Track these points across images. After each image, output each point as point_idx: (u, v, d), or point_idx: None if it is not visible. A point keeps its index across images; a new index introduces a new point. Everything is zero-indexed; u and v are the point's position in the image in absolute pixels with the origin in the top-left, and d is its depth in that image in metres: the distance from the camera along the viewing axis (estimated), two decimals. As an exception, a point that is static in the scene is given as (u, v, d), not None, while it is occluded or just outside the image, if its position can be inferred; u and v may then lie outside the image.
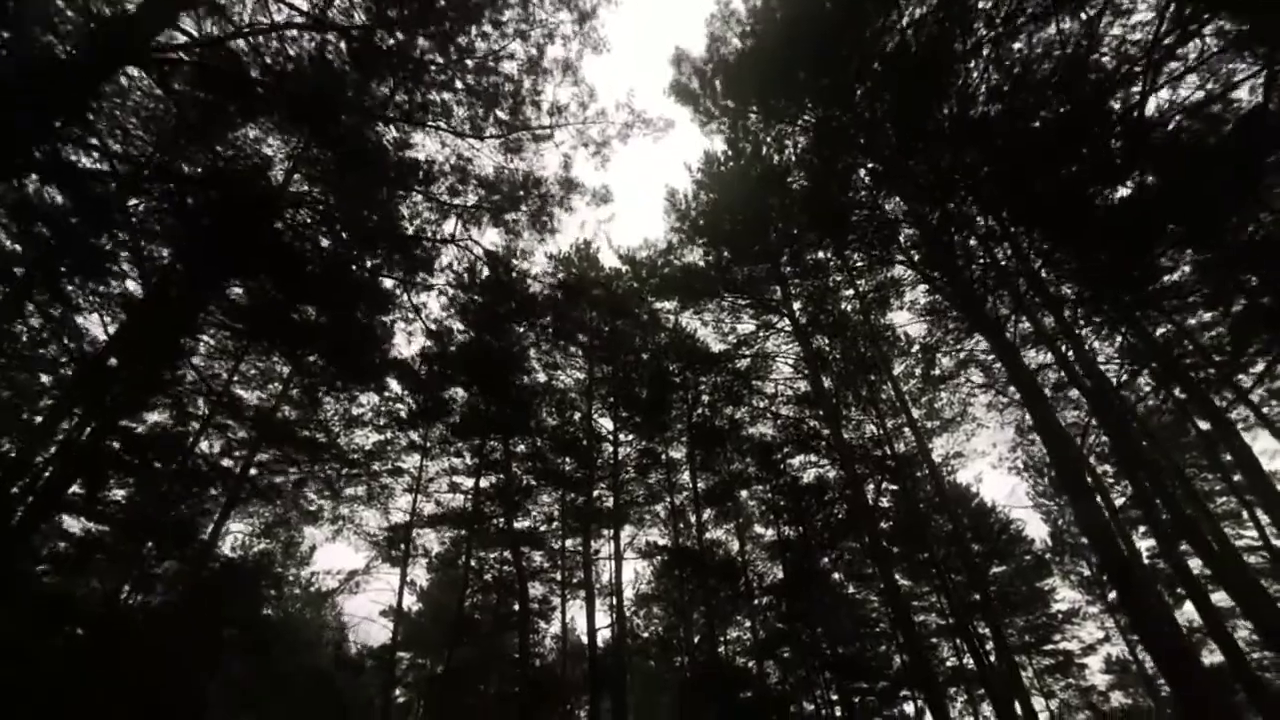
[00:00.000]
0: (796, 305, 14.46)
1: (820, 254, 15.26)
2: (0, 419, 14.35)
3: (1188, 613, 19.00)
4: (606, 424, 17.45)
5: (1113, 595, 22.64)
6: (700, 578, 15.28)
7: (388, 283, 12.57)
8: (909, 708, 24.50)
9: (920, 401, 16.72)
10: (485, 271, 15.63)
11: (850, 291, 15.93)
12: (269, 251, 12.60)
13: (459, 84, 10.14)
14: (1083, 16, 9.37)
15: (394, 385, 14.49)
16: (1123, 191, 10.66)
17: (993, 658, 17.68)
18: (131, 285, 12.58)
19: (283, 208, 12.35)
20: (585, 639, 15.75)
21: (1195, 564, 14.02)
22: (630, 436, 17.92)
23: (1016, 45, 10.02)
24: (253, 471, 13.90)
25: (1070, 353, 11.86)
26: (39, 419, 14.43)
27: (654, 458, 18.50)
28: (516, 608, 17.44)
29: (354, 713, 22.29)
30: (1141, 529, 14.95)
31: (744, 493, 19.90)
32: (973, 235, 12.30)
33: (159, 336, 12.67)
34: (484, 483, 16.39)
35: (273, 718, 19.45)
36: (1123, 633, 21.14)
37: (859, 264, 15.51)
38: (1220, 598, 13.29)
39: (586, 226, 33.49)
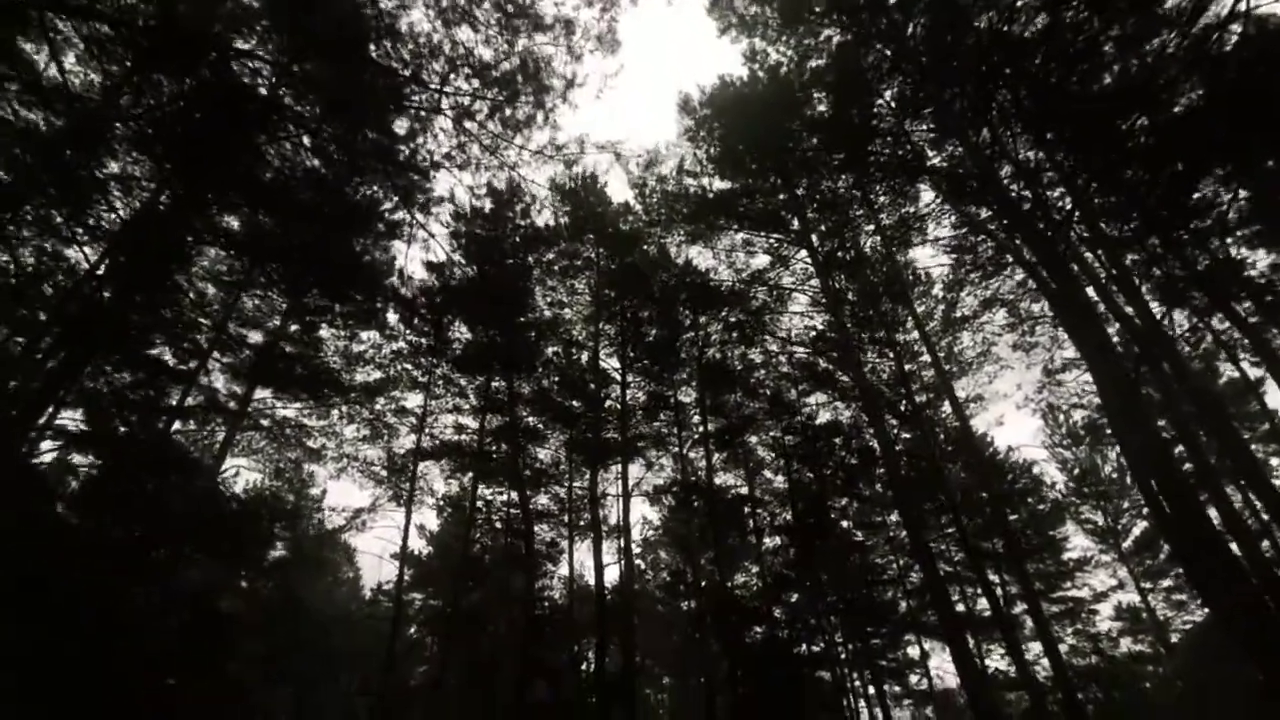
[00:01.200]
0: (814, 237, 13.69)
1: (840, 186, 14.40)
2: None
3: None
4: (615, 364, 17.00)
5: (1127, 544, 22.40)
6: (710, 515, 15.06)
7: (387, 210, 11.93)
8: (914, 650, 24.75)
9: (941, 344, 16.06)
10: (488, 205, 14.97)
11: (871, 227, 15.11)
12: (257, 179, 12.01)
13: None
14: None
15: (394, 320, 14.04)
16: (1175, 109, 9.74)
17: (1006, 605, 17.58)
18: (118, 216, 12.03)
19: (272, 127, 11.67)
20: (593, 582, 15.71)
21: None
22: (639, 379, 17.47)
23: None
24: (252, 407, 13.66)
25: (1114, 287, 11.13)
26: (39, 355, 14.18)
27: (662, 401, 18.10)
28: (524, 550, 17.45)
29: (364, 649, 22.86)
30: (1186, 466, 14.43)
31: (754, 438, 19.56)
32: (1013, 164, 11.41)
33: (151, 266, 12.24)
34: (489, 423, 16.09)
35: (286, 653, 19.94)
36: (1136, 580, 20.97)
37: (881, 197, 14.65)
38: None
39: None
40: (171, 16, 10.62)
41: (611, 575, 30.39)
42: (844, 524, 20.38)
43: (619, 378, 16.49)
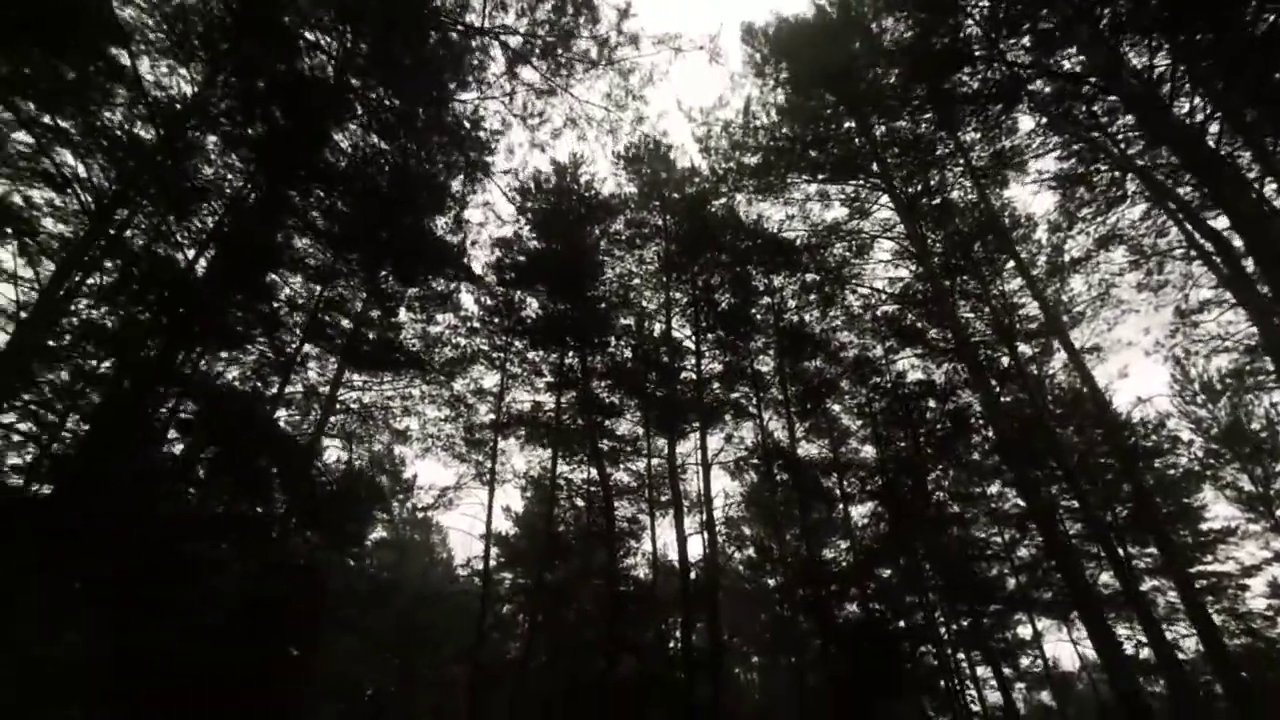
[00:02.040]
0: (896, 181, 12.60)
1: (922, 124, 13.18)
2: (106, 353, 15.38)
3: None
4: (688, 333, 16.53)
5: (1282, 512, 19.59)
6: (794, 487, 14.39)
7: (453, 186, 12.03)
8: (1025, 630, 22.99)
9: (1048, 292, 14.50)
10: (552, 178, 14.85)
11: (960, 166, 13.77)
12: (331, 165, 12.41)
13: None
14: None
15: (468, 303, 14.22)
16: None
17: (1133, 581, 15.79)
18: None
19: (341, 114, 11.99)
20: (676, 558, 15.43)
21: None
22: (713, 349, 16.92)
23: None
24: (340, 393, 14.25)
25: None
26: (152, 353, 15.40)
27: (739, 370, 17.47)
28: (605, 527, 17.41)
29: (456, 626, 23.80)
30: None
31: (837, 406, 18.57)
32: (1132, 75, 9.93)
33: (246, 262, 12.94)
34: (565, 400, 16.09)
35: (382, 630, 21.07)
36: (1294, 553, 18.30)
37: (971, 133, 13.31)
38: None
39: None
40: (246, 15, 11.05)
41: (694, 551, 30.15)
42: (939, 496, 19.04)
43: (693, 347, 16.02)
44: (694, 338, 16.24)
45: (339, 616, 19.96)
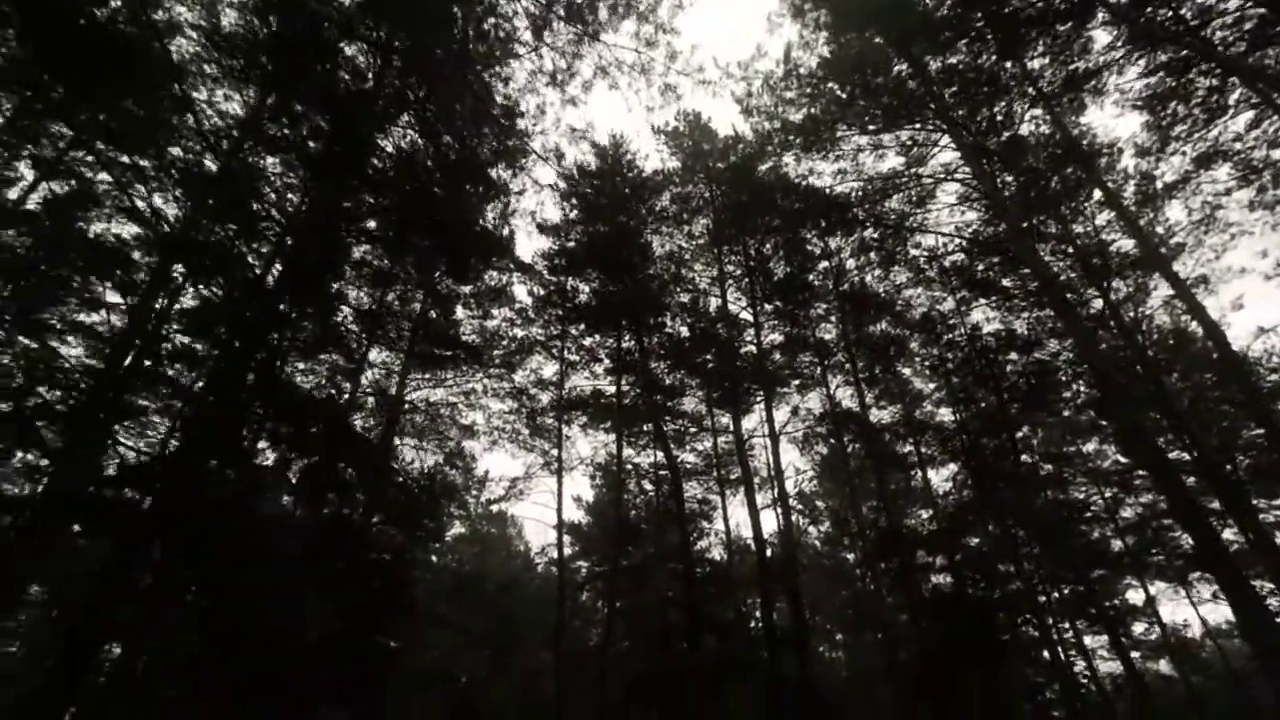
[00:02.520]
0: (957, 118, 11.69)
1: (982, 55, 12.15)
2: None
3: None
4: (744, 305, 16.08)
5: None
6: (868, 454, 13.76)
7: (496, 175, 12.02)
8: (1135, 595, 21.42)
9: (1140, 223, 13.17)
10: (594, 161, 14.70)
11: (1028, 98, 12.63)
12: (378, 170, 12.68)
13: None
14: None
15: (521, 294, 14.29)
16: None
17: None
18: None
19: (385, 119, 12.21)
20: (749, 535, 15.10)
21: None
22: (772, 320, 16.40)
23: None
24: (407, 394, 14.70)
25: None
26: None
27: (800, 341, 16.88)
28: (676, 509, 17.29)
29: (538, 614, 24.40)
30: None
31: (907, 369, 17.67)
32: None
33: (312, 278, 13.49)
34: (625, 383, 16.01)
35: (471, 622, 21.82)
36: None
37: (1038, 59, 12.19)
38: None
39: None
40: (288, 39, 11.38)
41: (768, 528, 29.62)
42: (1028, 457, 17.83)
43: (751, 319, 15.57)
44: (751, 309, 15.77)
45: (430, 611, 20.87)
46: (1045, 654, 17.90)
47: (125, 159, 11.30)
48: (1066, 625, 18.97)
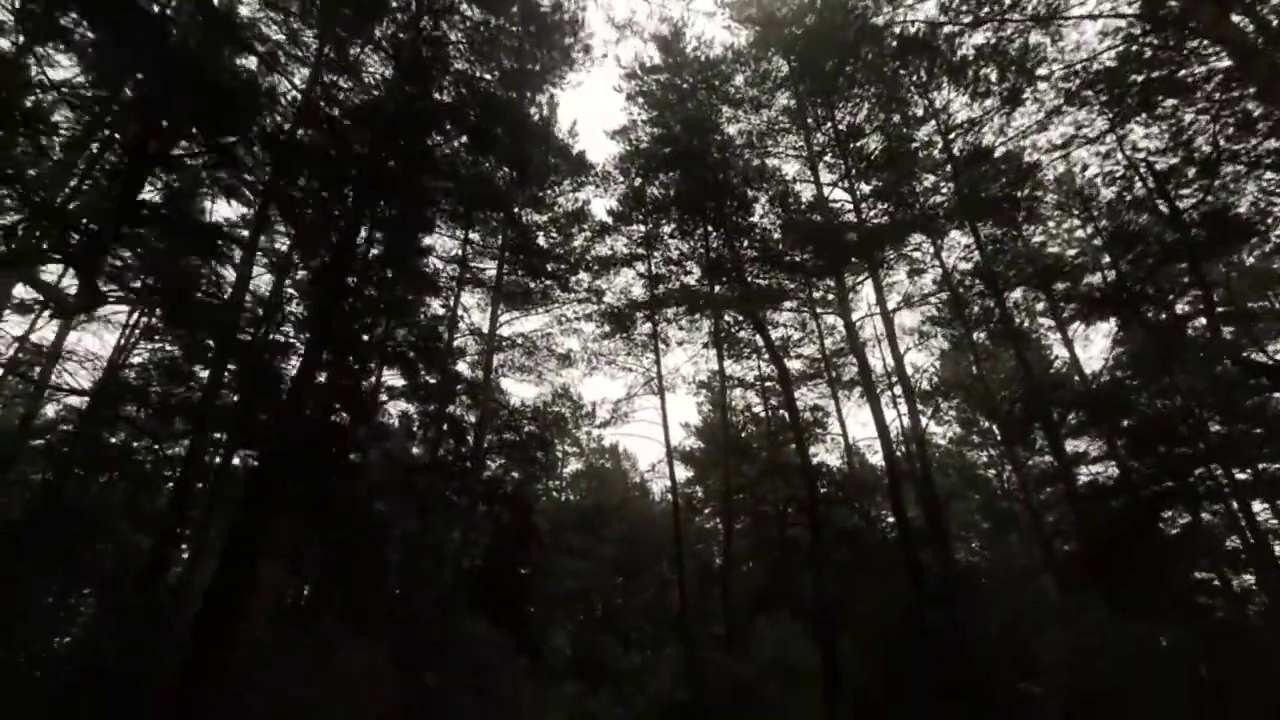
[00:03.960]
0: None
1: None
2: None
3: None
4: (839, 192, 14.54)
5: None
6: (1002, 317, 12.17)
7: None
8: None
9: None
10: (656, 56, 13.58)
11: None
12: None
13: None
14: None
15: (599, 212, 13.73)
16: None
17: None
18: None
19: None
20: (875, 432, 14.05)
21: None
22: (873, 201, 14.74)
23: None
24: (502, 329, 14.82)
25: None
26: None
27: (906, 224, 15.10)
28: (789, 419, 16.54)
29: (656, 538, 25.14)
30: None
31: (1040, 237, 15.44)
32: None
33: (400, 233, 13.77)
34: (719, 288, 15.14)
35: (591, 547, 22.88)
36: None
37: None
38: None
39: None
40: None
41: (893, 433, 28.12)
42: (1204, 309, 15.16)
43: (850, 200, 14.05)
44: (849, 192, 14.22)
45: (557, 542, 21.98)
46: (1228, 543, 15.81)
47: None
48: (1264, 509, 16.48)
